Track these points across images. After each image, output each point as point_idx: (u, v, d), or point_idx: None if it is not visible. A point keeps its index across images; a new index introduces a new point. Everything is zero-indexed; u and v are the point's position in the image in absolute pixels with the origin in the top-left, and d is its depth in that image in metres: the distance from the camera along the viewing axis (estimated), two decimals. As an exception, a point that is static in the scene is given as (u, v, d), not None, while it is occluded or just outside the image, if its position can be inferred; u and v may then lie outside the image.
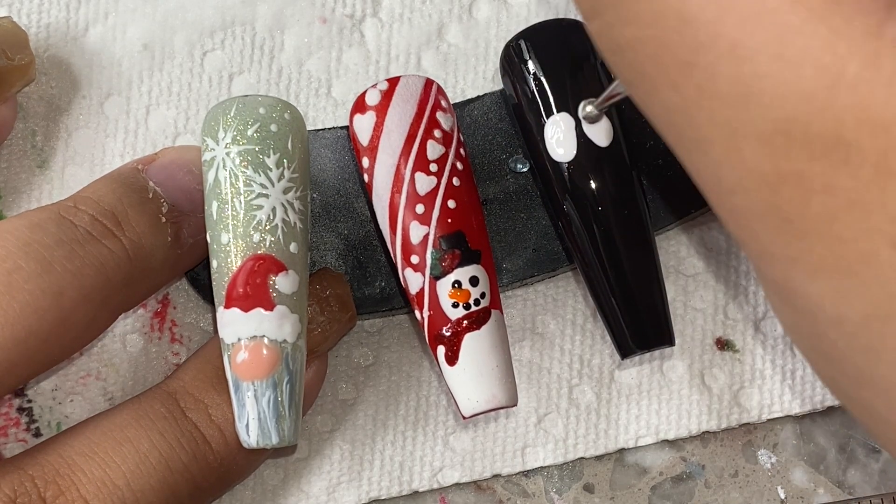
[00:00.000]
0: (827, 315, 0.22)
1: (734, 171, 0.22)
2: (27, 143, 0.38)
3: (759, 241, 0.23)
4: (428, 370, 0.38)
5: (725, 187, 0.22)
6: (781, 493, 0.38)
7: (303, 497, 0.37)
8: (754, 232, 0.22)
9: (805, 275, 0.22)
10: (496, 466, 0.38)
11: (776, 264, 0.22)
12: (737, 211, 0.23)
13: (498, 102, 0.37)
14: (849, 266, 0.21)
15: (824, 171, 0.21)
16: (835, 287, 0.22)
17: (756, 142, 0.21)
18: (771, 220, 0.22)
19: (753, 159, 0.21)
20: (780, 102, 0.21)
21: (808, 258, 0.22)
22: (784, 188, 0.21)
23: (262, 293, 0.32)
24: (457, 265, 0.33)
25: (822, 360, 0.24)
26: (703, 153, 0.22)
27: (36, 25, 0.38)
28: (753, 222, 0.22)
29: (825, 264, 0.21)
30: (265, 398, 0.32)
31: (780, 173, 0.21)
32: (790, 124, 0.21)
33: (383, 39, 0.39)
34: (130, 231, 0.32)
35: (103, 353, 0.37)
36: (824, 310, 0.22)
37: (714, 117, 0.22)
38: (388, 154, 0.33)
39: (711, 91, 0.21)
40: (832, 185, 0.21)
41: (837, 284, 0.21)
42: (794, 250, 0.22)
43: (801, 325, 0.23)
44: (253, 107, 0.33)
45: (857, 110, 0.20)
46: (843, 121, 0.20)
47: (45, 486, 0.31)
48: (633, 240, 0.34)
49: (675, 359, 0.38)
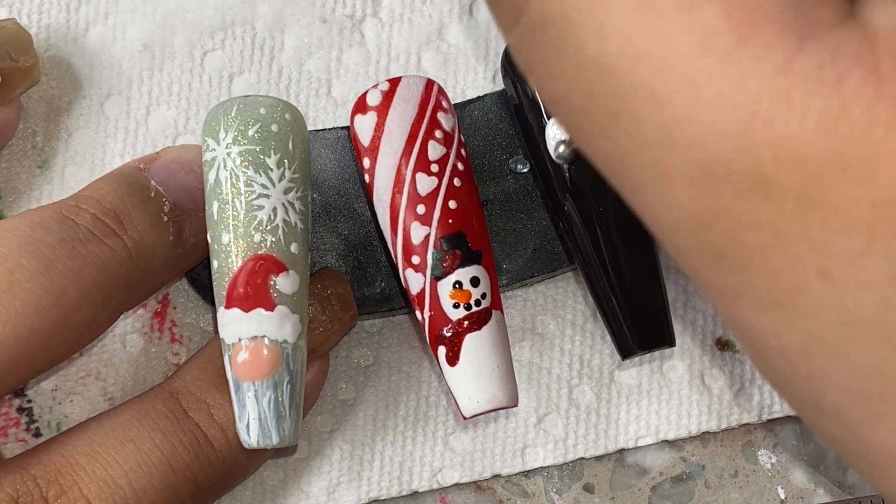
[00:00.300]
0: (772, 346, 0.23)
1: (669, 213, 0.22)
2: (27, 143, 0.38)
3: (702, 277, 0.23)
4: (428, 370, 0.38)
5: (664, 228, 0.23)
6: (781, 494, 0.38)
7: (302, 497, 0.37)
8: (697, 269, 0.23)
9: (745, 308, 0.22)
10: (496, 467, 0.38)
11: (722, 299, 0.23)
12: (678, 250, 0.23)
13: (498, 103, 0.37)
14: (784, 298, 0.22)
15: (750, 207, 0.21)
16: (774, 319, 0.22)
17: (684, 183, 0.22)
18: (708, 258, 0.22)
19: (683, 200, 0.22)
20: (700, 144, 0.21)
21: (746, 292, 0.22)
22: (715, 226, 0.22)
23: (262, 293, 0.32)
24: (458, 266, 0.33)
25: (780, 389, 0.24)
26: (640, 196, 0.23)
27: (36, 26, 0.38)
28: (694, 260, 0.23)
29: (761, 297, 0.22)
30: (266, 398, 0.32)
31: (710, 212, 0.22)
32: (713, 165, 0.21)
33: (383, 39, 0.39)
34: (132, 230, 0.32)
35: (103, 353, 0.37)
36: (768, 341, 0.23)
37: (643, 162, 0.22)
38: (388, 154, 0.33)
39: (638, 137, 0.22)
40: (758, 220, 0.21)
41: (776, 316, 0.22)
42: (733, 285, 0.22)
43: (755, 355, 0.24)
44: (254, 107, 0.33)
45: (773, 147, 0.21)
46: (761, 158, 0.21)
47: (47, 485, 0.31)
48: (633, 240, 0.34)
49: (675, 359, 0.38)
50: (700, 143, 0.21)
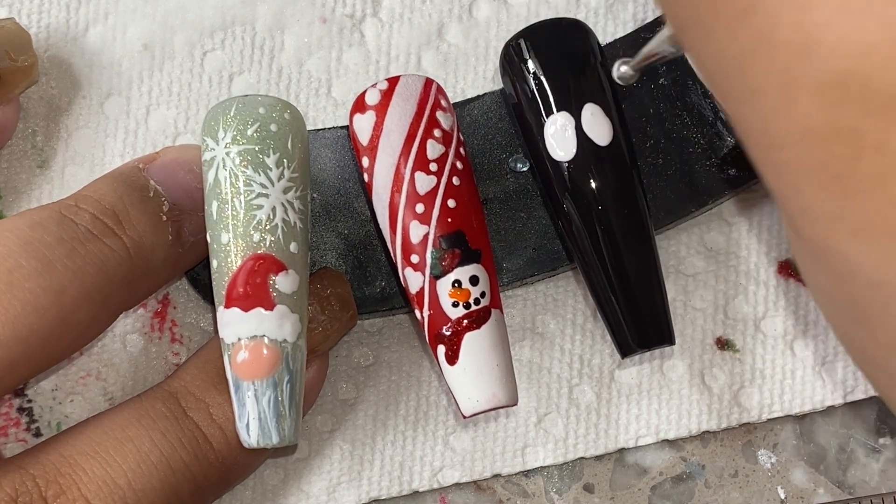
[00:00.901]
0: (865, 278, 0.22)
1: (785, 124, 0.21)
2: (27, 143, 0.38)
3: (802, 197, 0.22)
4: (428, 370, 0.38)
5: (774, 140, 0.22)
6: (781, 493, 0.38)
7: (303, 497, 0.37)
8: (798, 188, 0.22)
9: (847, 234, 0.21)
10: (496, 466, 0.38)
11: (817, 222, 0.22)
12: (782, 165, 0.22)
13: (498, 102, 0.37)
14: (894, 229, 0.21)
15: (879, 128, 0.20)
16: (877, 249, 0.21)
17: (811, 93, 0.21)
18: (818, 177, 0.21)
19: (807, 112, 0.21)
20: (840, 54, 0.20)
21: (852, 217, 0.21)
22: (836, 144, 0.21)
23: (262, 293, 0.32)
24: (457, 264, 0.33)
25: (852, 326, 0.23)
26: (754, 104, 0.22)
27: (36, 26, 0.38)
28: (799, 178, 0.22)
29: (870, 225, 0.21)
30: (265, 398, 0.32)
31: (834, 128, 0.21)
32: (848, 77, 0.20)
33: (383, 39, 0.39)
34: (131, 229, 0.32)
35: (103, 353, 0.37)
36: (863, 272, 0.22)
37: (770, 66, 0.21)
38: (387, 154, 0.33)
39: (770, 38, 0.21)
40: (886, 143, 0.20)
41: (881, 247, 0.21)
42: (839, 208, 0.21)
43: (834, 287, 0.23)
44: (253, 107, 0.33)
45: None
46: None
47: (46, 485, 0.31)
48: (633, 239, 0.34)
49: (675, 358, 0.38)
50: (840, 52, 0.20)
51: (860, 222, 0.21)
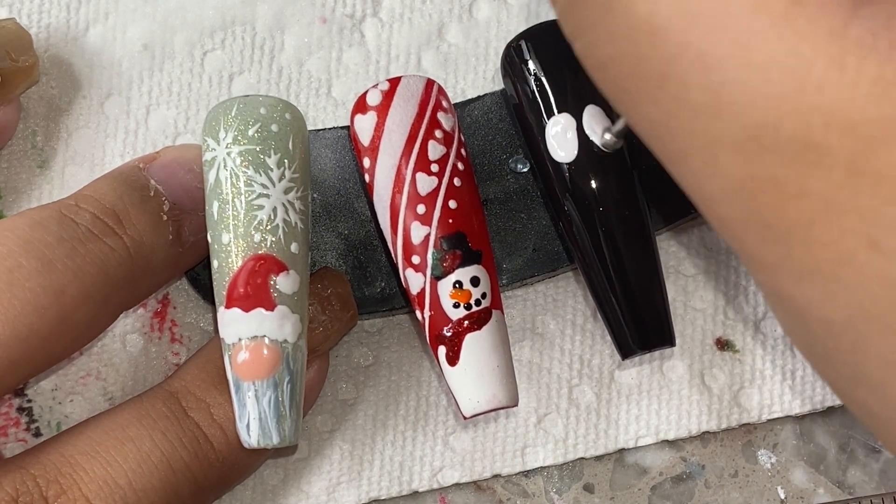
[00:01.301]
0: (814, 317, 0.22)
1: (714, 180, 0.22)
2: (27, 143, 0.38)
3: (745, 247, 0.23)
4: (428, 370, 0.38)
5: (708, 196, 0.23)
6: (781, 493, 0.38)
7: (302, 497, 0.37)
8: (740, 239, 0.23)
9: (790, 279, 0.22)
10: (496, 466, 0.38)
11: (764, 269, 0.23)
12: (721, 219, 0.23)
13: (498, 102, 0.37)
14: (830, 269, 0.21)
15: (797, 175, 0.21)
16: (818, 290, 0.22)
17: (730, 149, 0.21)
18: (752, 227, 0.22)
19: (730, 167, 0.21)
20: (749, 108, 0.21)
21: (791, 263, 0.22)
22: (761, 194, 0.21)
23: (262, 293, 0.32)
24: (458, 265, 0.33)
25: (817, 361, 0.24)
26: (684, 164, 0.23)
27: (36, 26, 0.38)
28: (738, 230, 0.22)
29: (807, 268, 0.22)
30: (266, 398, 0.32)
31: (756, 179, 0.21)
32: (761, 130, 0.21)
33: (383, 39, 0.39)
34: (132, 229, 0.32)
35: (103, 353, 0.37)
36: (811, 312, 0.22)
37: (690, 127, 0.22)
38: (389, 154, 0.33)
39: (686, 101, 0.21)
40: (806, 188, 0.21)
41: (821, 287, 0.22)
42: (777, 255, 0.22)
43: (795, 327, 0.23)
44: (254, 107, 0.33)
45: (825, 112, 0.20)
46: (812, 123, 0.20)
47: (46, 485, 0.31)
48: (633, 240, 0.34)
49: (675, 359, 0.38)
50: (749, 107, 0.21)
51: (798, 266, 0.22)
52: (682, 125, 0.22)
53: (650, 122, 0.23)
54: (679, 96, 0.22)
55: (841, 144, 0.20)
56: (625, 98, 0.23)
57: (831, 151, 0.20)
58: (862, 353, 0.22)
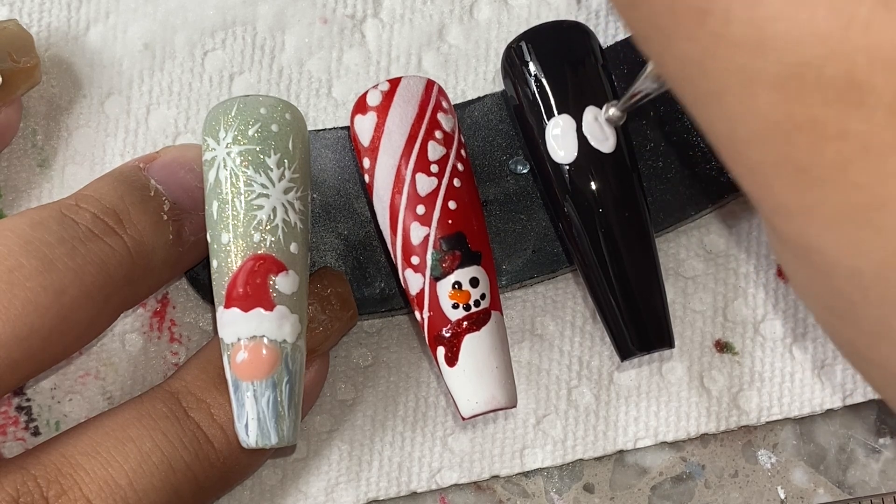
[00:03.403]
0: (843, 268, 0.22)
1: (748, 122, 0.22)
2: (28, 142, 0.38)
3: (773, 194, 0.22)
4: (427, 371, 0.38)
5: (740, 139, 0.22)
6: (781, 494, 0.38)
7: (301, 497, 0.37)
8: (769, 185, 0.22)
9: (820, 227, 0.22)
10: (495, 468, 0.38)
11: (791, 218, 0.22)
12: (752, 164, 0.22)
13: (499, 104, 0.37)
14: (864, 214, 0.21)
15: (838, 115, 0.20)
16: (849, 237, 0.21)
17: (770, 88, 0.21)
18: (785, 171, 0.22)
19: (767, 107, 0.21)
20: (793, 46, 0.20)
21: (823, 208, 0.21)
22: (798, 136, 0.21)
23: (262, 293, 0.32)
24: (457, 266, 0.33)
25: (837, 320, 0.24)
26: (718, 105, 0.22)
27: (37, 25, 0.38)
28: (768, 175, 0.22)
29: (840, 213, 0.21)
30: (264, 398, 0.32)
31: (794, 120, 0.21)
32: (804, 68, 0.20)
33: (384, 40, 0.39)
34: (132, 229, 0.32)
35: (102, 353, 0.37)
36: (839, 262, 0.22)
37: (728, 65, 0.21)
38: (388, 155, 0.33)
39: (726, 37, 0.21)
40: (846, 129, 0.20)
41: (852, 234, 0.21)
42: (809, 200, 0.21)
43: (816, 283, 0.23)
44: (254, 107, 0.33)
45: (870, 51, 0.20)
46: (856, 62, 0.20)
47: (47, 485, 0.31)
48: (633, 241, 0.34)
49: (674, 361, 0.38)
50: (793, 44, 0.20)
51: (830, 213, 0.21)
52: (719, 63, 0.21)
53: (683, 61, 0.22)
54: (719, 32, 0.21)
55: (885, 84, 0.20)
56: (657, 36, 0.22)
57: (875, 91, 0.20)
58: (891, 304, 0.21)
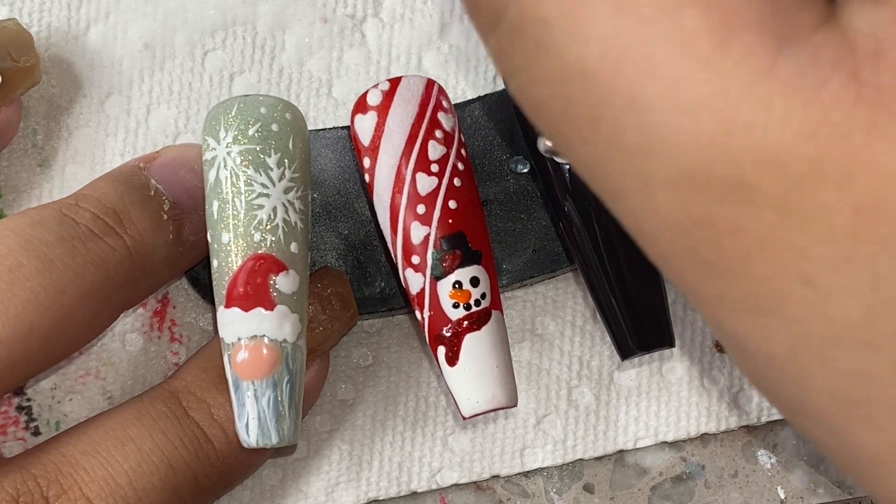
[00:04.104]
0: (757, 352, 0.23)
1: (651, 219, 0.22)
2: (28, 141, 0.38)
3: (686, 283, 0.23)
4: (427, 371, 0.38)
5: (647, 234, 0.23)
6: (781, 494, 0.38)
7: (301, 497, 0.37)
8: (680, 275, 0.23)
9: (729, 314, 0.22)
10: (495, 467, 0.38)
11: (705, 304, 0.23)
12: (661, 255, 0.23)
13: (499, 103, 0.37)
14: (767, 304, 0.22)
15: (731, 213, 0.21)
16: (758, 325, 0.22)
17: (665, 189, 0.21)
18: (691, 263, 0.22)
19: (665, 206, 0.22)
20: (681, 150, 0.21)
21: (730, 299, 0.22)
22: (697, 232, 0.22)
23: (262, 293, 0.32)
24: (457, 266, 0.33)
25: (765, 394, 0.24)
26: (621, 203, 0.23)
27: (37, 24, 0.38)
28: (676, 265, 0.23)
29: (745, 304, 0.22)
30: (265, 398, 0.32)
31: (691, 218, 0.21)
32: (693, 170, 0.21)
33: (384, 40, 0.39)
34: (132, 228, 0.32)
35: (102, 352, 0.37)
36: (752, 346, 0.22)
37: (624, 168, 0.22)
38: (389, 154, 0.33)
39: (619, 143, 0.22)
40: (740, 226, 0.21)
41: (760, 322, 0.22)
42: (717, 290, 0.22)
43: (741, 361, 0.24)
44: (254, 106, 0.33)
45: (754, 152, 0.20)
46: (742, 164, 0.21)
47: (47, 485, 0.31)
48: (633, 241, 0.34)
49: (674, 361, 0.38)
50: (681, 148, 0.21)
51: (736, 302, 0.22)
52: (617, 166, 0.22)
53: (585, 161, 0.23)
54: (612, 138, 0.22)
55: (771, 184, 0.21)
56: (560, 139, 0.23)
57: (762, 191, 0.21)
58: (804, 386, 0.22)
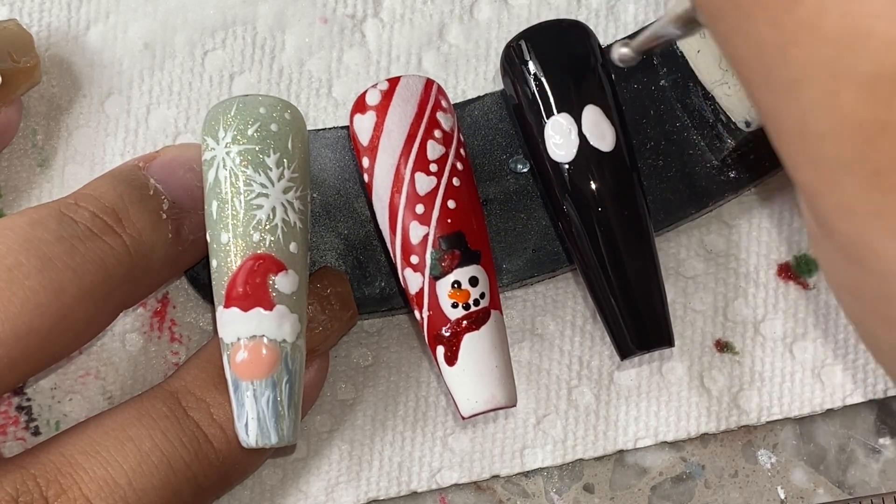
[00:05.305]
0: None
1: (828, 117, 0.21)
2: (28, 141, 0.38)
3: (841, 192, 0.22)
4: (427, 371, 0.38)
5: (814, 132, 0.21)
6: (781, 494, 0.38)
7: (301, 497, 0.37)
8: (838, 182, 0.21)
9: (887, 233, 0.21)
10: (495, 467, 0.37)
11: (855, 219, 0.22)
12: (822, 159, 0.22)
13: (498, 103, 0.37)
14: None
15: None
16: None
17: (858, 86, 0.20)
18: (860, 172, 0.21)
19: (852, 105, 0.20)
20: (889, 47, 0.20)
21: (892, 214, 0.21)
22: (881, 139, 0.20)
23: (261, 293, 0.32)
24: (456, 265, 0.33)
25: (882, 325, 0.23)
26: (794, 95, 0.21)
27: (37, 25, 0.38)
28: (839, 172, 0.21)
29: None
30: (264, 398, 0.32)
31: (879, 123, 0.20)
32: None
33: (384, 40, 0.39)
34: (131, 228, 0.32)
35: (102, 352, 0.37)
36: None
37: (814, 56, 0.20)
38: (388, 154, 0.33)
39: (816, 27, 0.20)
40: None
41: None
42: (879, 204, 0.21)
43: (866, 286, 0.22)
44: (253, 106, 0.33)
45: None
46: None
47: (47, 484, 0.31)
48: (633, 240, 0.34)
49: (674, 360, 0.38)
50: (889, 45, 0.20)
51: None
52: (804, 53, 0.21)
53: (759, 44, 0.21)
54: (810, 21, 0.20)
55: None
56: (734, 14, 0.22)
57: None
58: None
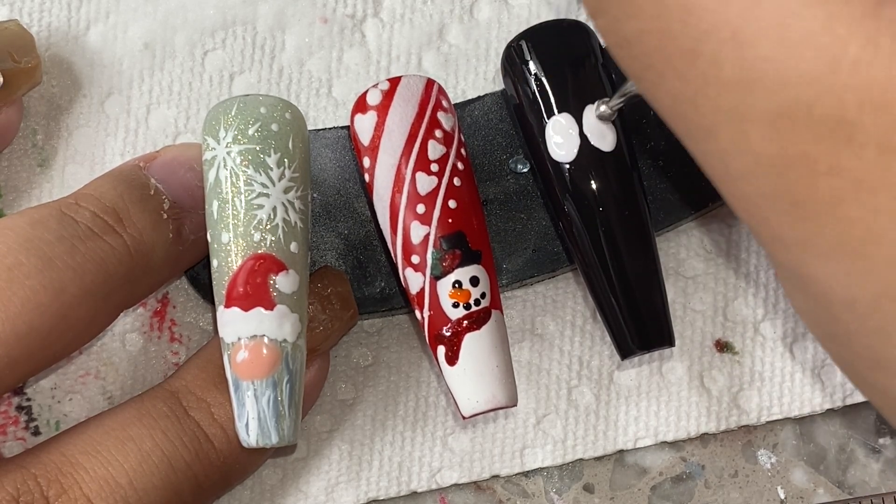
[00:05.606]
0: (838, 297, 0.22)
1: (741, 157, 0.22)
2: (28, 141, 0.38)
3: (769, 225, 0.23)
4: (427, 371, 0.38)
5: (734, 173, 0.23)
6: (781, 494, 0.38)
7: (301, 497, 0.37)
8: (764, 217, 0.23)
9: (815, 258, 0.22)
10: (495, 467, 0.37)
11: (787, 249, 0.23)
12: (746, 197, 0.23)
13: (499, 103, 0.37)
14: (857, 247, 0.21)
15: (829, 152, 0.21)
16: (844, 269, 0.22)
17: (761, 126, 0.21)
18: (780, 204, 0.22)
19: (760, 143, 0.21)
20: (782, 86, 0.21)
21: (817, 241, 0.22)
22: (791, 171, 0.21)
23: (262, 292, 0.32)
24: (457, 265, 0.33)
25: (836, 345, 0.24)
26: (710, 141, 0.23)
27: (37, 25, 0.38)
28: (763, 207, 0.22)
29: (834, 246, 0.22)
30: (265, 398, 0.32)
31: (787, 156, 0.21)
32: (794, 107, 0.21)
33: (384, 40, 0.39)
34: (132, 227, 0.32)
35: (102, 352, 0.37)
36: (835, 292, 0.22)
37: (719, 104, 0.22)
38: (388, 154, 0.33)
39: (716, 78, 0.22)
40: (837, 166, 0.21)
41: (847, 266, 0.22)
42: (804, 233, 0.22)
43: (815, 309, 0.23)
44: (254, 106, 0.33)
45: (859, 90, 0.20)
46: (845, 101, 0.20)
47: (47, 484, 0.31)
48: (633, 240, 0.34)
49: (674, 360, 0.38)
50: (783, 84, 0.21)
51: (824, 245, 0.22)
52: (711, 102, 0.22)
53: (674, 98, 0.23)
54: (709, 73, 0.22)
55: (874, 123, 0.20)
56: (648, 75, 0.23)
57: (864, 129, 0.20)
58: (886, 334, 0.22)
